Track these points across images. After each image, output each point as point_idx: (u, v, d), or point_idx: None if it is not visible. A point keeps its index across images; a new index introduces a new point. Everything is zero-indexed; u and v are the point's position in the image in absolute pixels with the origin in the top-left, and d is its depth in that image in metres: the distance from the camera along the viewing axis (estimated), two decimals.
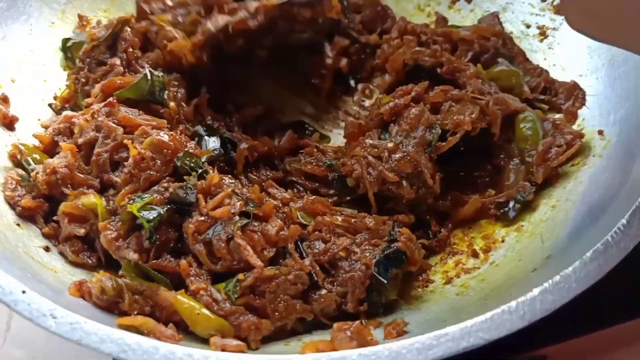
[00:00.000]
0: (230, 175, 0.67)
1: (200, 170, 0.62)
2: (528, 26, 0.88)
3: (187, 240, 0.58)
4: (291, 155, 0.79)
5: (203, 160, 0.64)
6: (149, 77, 0.71)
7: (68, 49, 0.83)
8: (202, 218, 0.58)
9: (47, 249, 0.64)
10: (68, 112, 0.72)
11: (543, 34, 0.86)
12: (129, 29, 0.77)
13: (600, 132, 0.72)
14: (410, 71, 0.84)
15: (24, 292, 0.48)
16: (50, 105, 0.80)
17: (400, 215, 0.69)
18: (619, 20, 0.47)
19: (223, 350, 0.50)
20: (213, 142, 0.73)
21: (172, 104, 0.71)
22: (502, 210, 0.71)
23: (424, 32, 0.85)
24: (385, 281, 0.60)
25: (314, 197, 0.68)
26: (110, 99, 0.67)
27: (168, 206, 0.59)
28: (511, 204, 0.71)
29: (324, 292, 0.59)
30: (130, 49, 0.76)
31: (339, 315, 0.60)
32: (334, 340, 0.51)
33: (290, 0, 0.77)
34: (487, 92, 0.74)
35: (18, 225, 0.64)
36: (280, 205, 0.66)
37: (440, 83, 0.76)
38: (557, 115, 0.78)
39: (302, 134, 0.83)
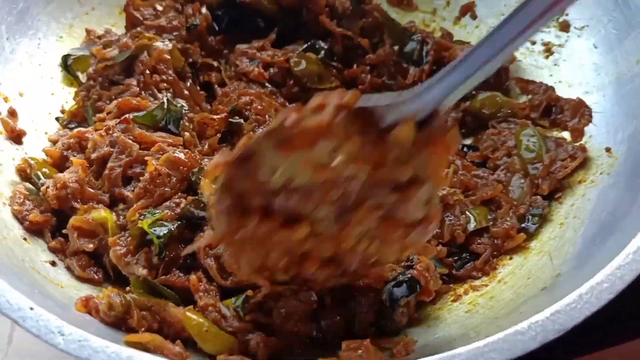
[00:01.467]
0: None
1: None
2: (533, 43, 0.88)
3: (197, 254, 0.58)
4: None
5: None
6: (166, 106, 0.71)
7: (69, 66, 0.83)
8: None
9: (53, 263, 0.64)
10: (80, 129, 0.72)
11: (548, 50, 0.86)
12: (146, 53, 0.78)
13: (608, 150, 0.72)
14: None
15: (32, 308, 0.47)
16: (57, 119, 0.80)
17: (430, 243, 0.67)
18: None
19: None
20: None
21: (186, 134, 0.71)
22: (521, 226, 0.70)
23: None
24: (392, 309, 0.60)
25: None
26: (127, 115, 0.67)
27: (179, 222, 0.59)
28: (528, 218, 0.71)
29: (332, 315, 0.59)
30: (148, 72, 0.76)
31: (348, 335, 0.60)
32: None
33: None
34: None
35: (25, 239, 0.64)
36: None
37: None
38: (556, 133, 0.78)
39: None
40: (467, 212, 0.70)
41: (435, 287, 0.61)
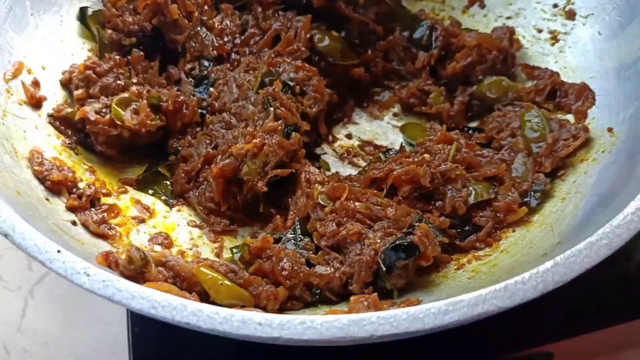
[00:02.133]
0: None
1: None
2: (540, 30, 0.91)
3: None
4: None
5: None
6: None
7: (86, 19, 0.87)
8: None
9: (74, 223, 0.66)
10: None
11: (554, 38, 0.89)
12: None
13: (610, 130, 0.74)
14: None
15: (58, 251, 0.50)
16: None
17: (433, 214, 0.71)
18: None
19: None
20: None
21: None
22: (523, 201, 0.73)
23: None
24: (385, 269, 0.62)
25: (339, 183, 0.71)
26: None
27: None
28: (530, 194, 0.73)
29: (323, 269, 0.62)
30: None
31: (346, 295, 0.62)
32: (352, 310, 0.53)
33: None
34: None
35: (47, 199, 0.67)
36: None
37: None
38: (560, 116, 0.80)
39: None
40: (469, 187, 0.73)
41: (433, 253, 0.64)
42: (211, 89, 0.83)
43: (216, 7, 0.88)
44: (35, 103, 0.77)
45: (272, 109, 0.75)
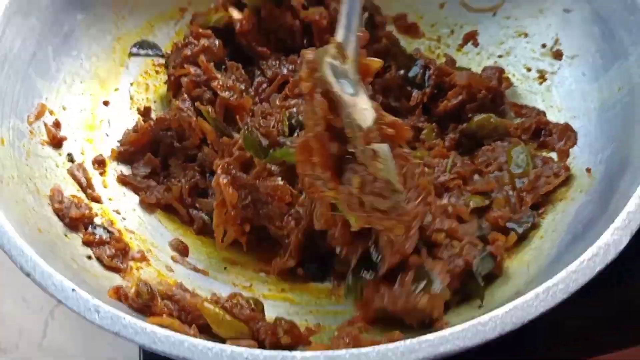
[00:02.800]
0: None
1: None
2: (529, 69, 0.95)
3: None
4: None
5: None
6: None
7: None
8: None
9: (89, 257, 0.73)
10: None
11: (542, 77, 0.94)
12: None
13: (588, 170, 0.78)
14: None
15: (73, 290, 0.57)
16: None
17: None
18: None
19: None
20: None
21: None
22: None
23: None
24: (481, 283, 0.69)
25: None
26: None
27: None
28: (516, 225, 0.78)
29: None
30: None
31: None
32: (332, 346, 0.59)
33: None
34: None
35: (66, 235, 0.74)
36: None
37: None
38: (545, 153, 0.85)
39: None
40: (466, 196, 0.79)
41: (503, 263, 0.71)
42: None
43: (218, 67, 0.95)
44: (57, 143, 0.84)
45: None
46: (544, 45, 0.95)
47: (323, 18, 0.95)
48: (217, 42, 0.94)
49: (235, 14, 0.95)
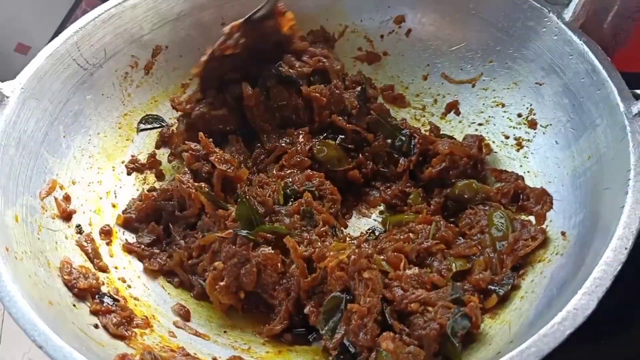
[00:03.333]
0: None
1: None
2: (507, 137, 1.02)
3: None
4: None
5: None
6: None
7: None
8: None
9: (96, 326, 0.78)
10: None
11: (519, 144, 1.00)
12: None
13: (563, 234, 0.83)
14: None
15: None
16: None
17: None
18: None
19: None
20: None
21: None
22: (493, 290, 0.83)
23: None
24: (458, 344, 0.72)
25: (396, 253, 0.82)
26: None
27: None
28: (498, 286, 0.83)
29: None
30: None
31: None
32: None
33: (249, 18, 0.97)
34: None
35: (74, 305, 0.79)
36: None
37: None
38: (524, 216, 0.91)
39: None
40: (449, 259, 0.85)
41: (479, 322, 0.75)
42: None
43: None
44: (67, 216, 0.90)
45: (317, 216, 0.89)
46: (519, 115, 1.01)
47: (323, 96, 1.02)
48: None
49: (248, 88, 1.02)
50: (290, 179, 0.96)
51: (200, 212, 0.94)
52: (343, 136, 1.04)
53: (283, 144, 1.02)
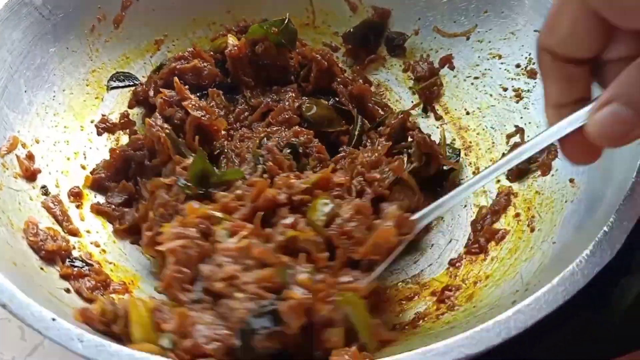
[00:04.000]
0: None
1: None
2: (505, 89, 0.97)
3: None
4: None
5: None
6: None
7: None
8: None
9: (67, 290, 0.70)
10: None
11: (519, 95, 0.95)
12: None
13: (572, 181, 0.79)
14: None
15: (53, 319, 0.53)
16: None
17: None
18: None
19: None
20: None
21: None
22: None
23: None
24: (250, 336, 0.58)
25: None
26: None
27: None
28: None
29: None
30: None
31: None
32: None
33: None
34: None
35: (42, 268, 0.70)
36: None
37: None
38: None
39: None
40: None
41: (296, 326, 0.58)
42: None
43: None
44: (30, 176, 0.81)
45: (261, 165, 0.80)
46: (518, 65, 0.96)
47: (324, 59, 0.96)
48: (209, 66, 0.95)
49: (231, 40, 0.94)
50: (276, 136, 0.88)
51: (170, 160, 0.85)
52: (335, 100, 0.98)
53: (269, 100, 0.95)
